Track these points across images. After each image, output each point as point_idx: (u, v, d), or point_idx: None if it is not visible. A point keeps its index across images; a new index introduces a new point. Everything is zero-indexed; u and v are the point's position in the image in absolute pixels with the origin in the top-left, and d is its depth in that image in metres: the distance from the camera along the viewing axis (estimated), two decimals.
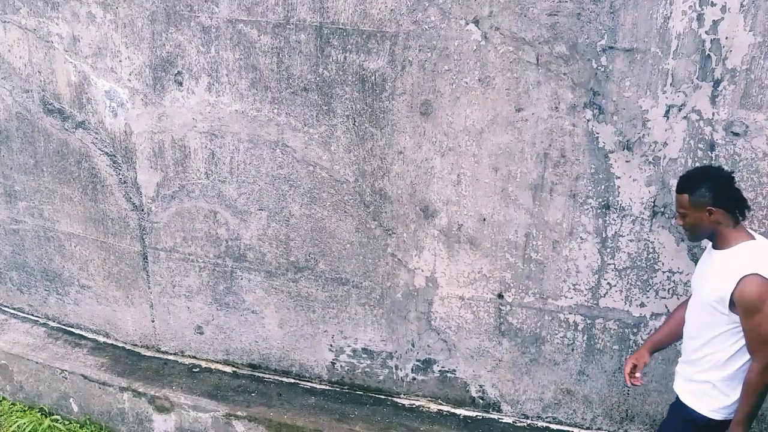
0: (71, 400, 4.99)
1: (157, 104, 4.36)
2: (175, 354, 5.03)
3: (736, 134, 3.51)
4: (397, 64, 3.84)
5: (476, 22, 3.65)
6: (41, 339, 5.22)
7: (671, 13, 3.39)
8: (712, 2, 3.32)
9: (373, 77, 3.90)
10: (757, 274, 2.93)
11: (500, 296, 4.13)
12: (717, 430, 3.23)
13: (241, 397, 4.62)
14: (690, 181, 3.07)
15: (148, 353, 5.07)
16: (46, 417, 5.04)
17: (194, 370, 4.89)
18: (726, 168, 3.19)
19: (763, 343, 2.95)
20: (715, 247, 3.15)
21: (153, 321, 4.97)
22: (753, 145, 3.51)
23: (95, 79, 4.45)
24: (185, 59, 4.20)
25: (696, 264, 3.49)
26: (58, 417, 5.04)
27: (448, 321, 4.27)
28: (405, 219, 4.13)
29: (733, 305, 2.99)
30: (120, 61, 4.35)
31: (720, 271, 3.05)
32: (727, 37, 3.37)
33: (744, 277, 2.94)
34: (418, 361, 4.43)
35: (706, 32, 3.38)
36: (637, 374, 3.49)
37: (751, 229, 3.64)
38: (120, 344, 5.16)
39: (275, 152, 4.22)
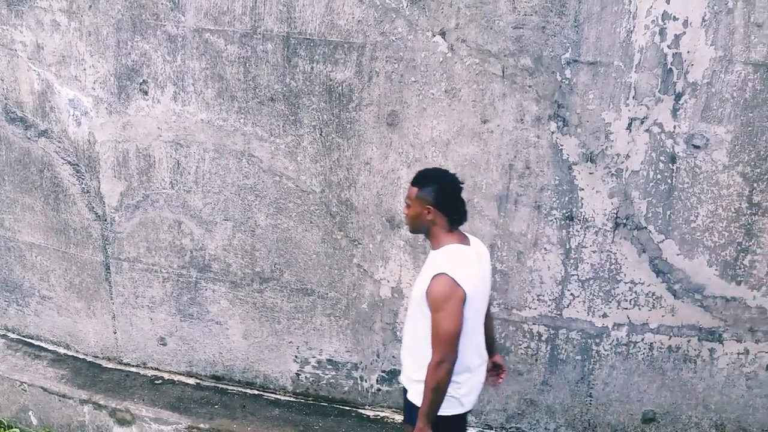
0: (30, 412, 4.89)
1: (122, 113, 4.32)
2: (137, 366, 4.96)
3: (697, 147, 3.58)
4: (364, 74, 3.86)
5: (443, 34, 3.68)
6: (0, 351, 5.12)
7: (634, 27, 3.45)
8: (674, 17, 3.40)
9: (340, 88, 3.91)
10: (444, 273, 3.00)
11: None
12: (448, 423, 3.25)
13: (204, 409, 4.57)
14: (422, 178, 3.18)
15: (110, 365, 5.00)
16: (5, 430, 4.94)
17: (156, 382, 4.83)
18: (459, 178, 3.24)
19: (439, 340, 3.01)
20: (432, 247, 3.24)
21: (115, 332, 4.91)
22: (713, 157, 3.58)
23: (59, 87, 4.40)
24: (151, 68, 4.17)
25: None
26: (17, 430, 4.94)
27: None
28: (371, 230, 4.14)
29: (428, 301, 3.07)
30: (84, 69, 4.31)
31: (425, 269, 3.14)
32: (688, 51, 3.44)
33: (434, 275, 3.02)
34: (383, 372, 4.43)
35: (668, 46, 3.45)
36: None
37: (711, 239, 3.71)
38: (81, 356, 5.08)
39: (241, 162, 4.21)
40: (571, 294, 3.98)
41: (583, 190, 3.78)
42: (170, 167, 4.35)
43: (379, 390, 4.48)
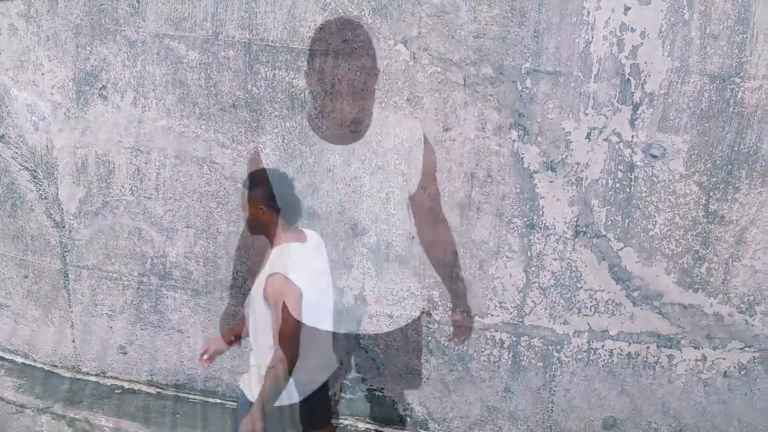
0: None
1: (81, 118, 4.27)
2: (96, 375, 4.89)
3: (655, 156, 3.62)
4: (326, 82, 3.85)
5: (405, 42, 3.69)
6: None
7: (592, 37, 3.49)
8: (631, 28, 3.44)
9: (302, 95, 3.90)
10: (278, 272, 3.11)
11: (428, 314, 4.15)
12: (276, 412, 3.36)
13: (165, 418, 4.52)
14: (251, 180, 3.31)
15: (69, 374, 4.92)
16: None
17: (116, 391, 4.77)
18: (289, 174, 3.32)
19: (280, 338, 3.13)
20: (270, 246, 3.32)
21: (74, 341, 4.84)
22: (670, 167, 3.63)
23: (16, 92, 4.33)
24: (110, 73, 4.13)
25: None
26: None
27: (376, 339, 4.27)
28: (334, 237, 4.12)
29: (267, 300, 3.16)
30: (42, 74, 4.25)
31: (265, 267, 3.24)
32: (646, 62, 3.48)
33: (269, 276, 3.13)
34: (346, 379, 4.41)
35: (626, 57, 3.49)
36: (206, 356, 3.72)
37: (669, 247, 3.75)
38: (39, 365, 5.00)
39: (203, 169, 4.17)
40: (533, 301, 4.00)
41: (543, 198, 3.80)
42: (130, 174, 4.30)
43: (341, 398, 4.46)
